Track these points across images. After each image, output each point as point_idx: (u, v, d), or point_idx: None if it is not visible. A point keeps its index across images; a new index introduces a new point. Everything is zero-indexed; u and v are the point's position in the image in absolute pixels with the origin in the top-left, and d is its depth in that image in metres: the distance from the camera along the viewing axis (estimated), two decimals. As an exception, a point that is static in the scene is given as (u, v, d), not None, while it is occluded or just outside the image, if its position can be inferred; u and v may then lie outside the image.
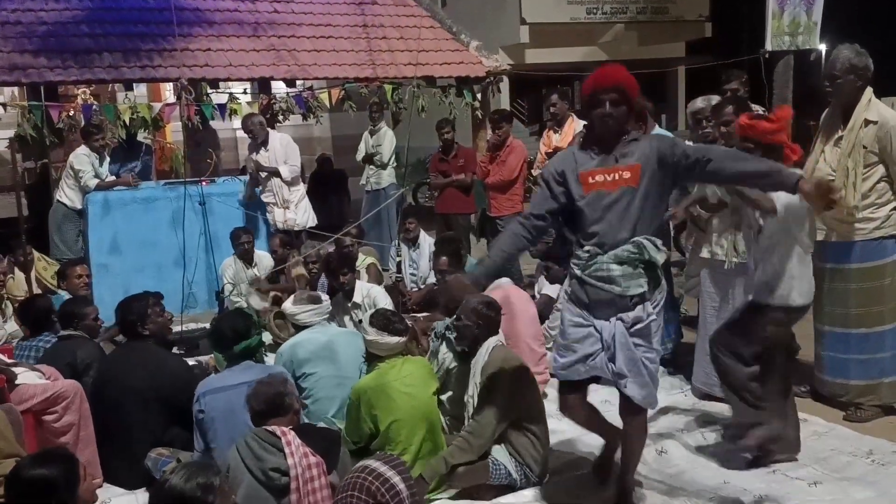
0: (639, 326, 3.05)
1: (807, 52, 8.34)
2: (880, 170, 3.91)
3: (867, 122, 3.91)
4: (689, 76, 17.91)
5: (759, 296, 3.62)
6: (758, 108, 4.70)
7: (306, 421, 3.74)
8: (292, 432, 2.93)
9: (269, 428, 2.95)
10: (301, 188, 7.37)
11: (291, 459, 2.84)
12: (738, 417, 3.75)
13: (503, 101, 15.11)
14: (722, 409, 4.38)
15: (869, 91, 3.97)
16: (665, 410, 4.42)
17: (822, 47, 9.16)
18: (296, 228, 7.12)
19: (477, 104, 8.79)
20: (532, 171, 7.50)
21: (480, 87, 8.87)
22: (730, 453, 3.83)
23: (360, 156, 8.84)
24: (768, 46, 8.23)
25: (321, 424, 3.68)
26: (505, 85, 15.03)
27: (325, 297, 4.35)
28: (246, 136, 7.40)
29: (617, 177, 3.02)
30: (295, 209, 7.17)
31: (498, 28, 16.15)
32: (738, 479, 3.60)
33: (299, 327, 4.13)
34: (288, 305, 4.23)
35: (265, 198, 7.23)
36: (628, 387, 3.08)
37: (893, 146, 3.86)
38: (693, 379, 4.64)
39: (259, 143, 7.12)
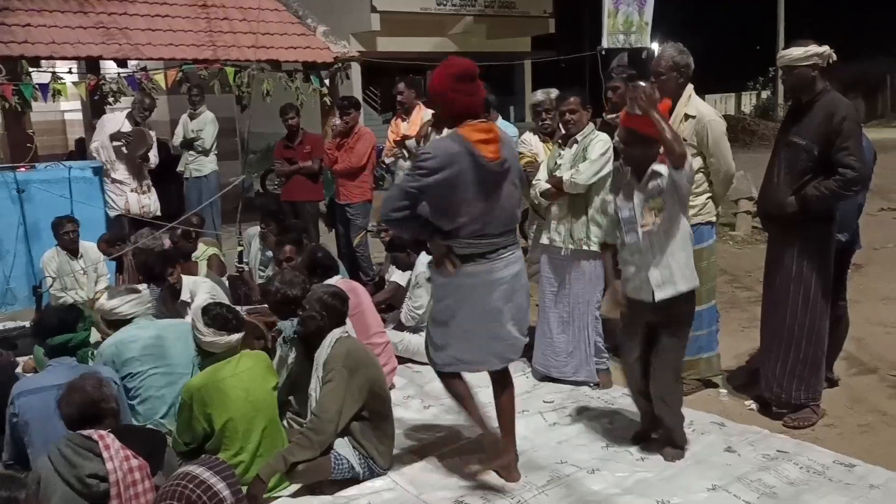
0: None
1: (639, 49, 8.84)
2: (698, 161, 4.16)
3: (686, 117, 4.15)
4: (534, 70, 18.52)
5: (671, 288, 3.51)
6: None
7: (133, 422, 3.53)
8: (111, 435, 2.73)
9: (85, 432, 2.73)
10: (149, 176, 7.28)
11: (111, 464, 2.65)
12: (681, 442, 3.74)
13: (354, 87, 14.95)
14: (561, 389, 4.56)
15: (689, 88, 4.21)
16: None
17: (654, 45, 9.73)
18: (149, 216, 6.91)
19: (325, 90, 8.63)
20: (382, 158, 7.46)
21: (328, 74, 8.72)
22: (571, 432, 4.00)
23: (177, 140, 8.37)
24: (605, 44, 8.66)
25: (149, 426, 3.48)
26: (356, 72, 14.90)
27: (143, 287, 4.06)
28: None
29: None
30: (149, 195, 7.13)
31: (348, 15, 15.97)
32: (573, 456, 3.74)
33: (120, 324, 3.82)
34: (104, 301, 3.89)
35: (118, 176, 6.96)
36: None
37: (709, 140, 4.13)
38: (533, 361, 4.79)
39: (139, 120, 7.04)
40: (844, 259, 4.27)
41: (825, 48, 3.76)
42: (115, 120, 7.12)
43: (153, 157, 7.11)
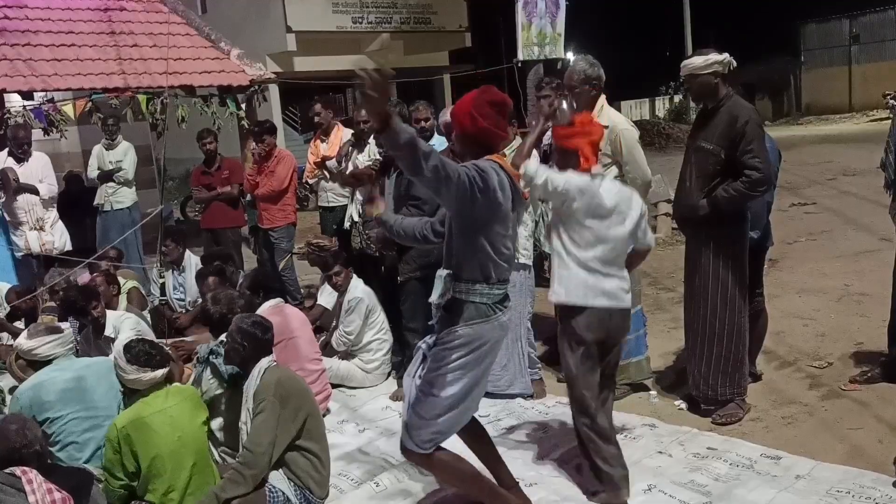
0: None
1: (554, 61, 9.01)
2: (614, 170, 4.24)
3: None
4: (454, 84, 18.66)
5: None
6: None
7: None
8: (34, 471, 2.72)
9: (6, 470, 2.71)
10: (55, 209, 6.93)
11: (33, 497, 2.63)
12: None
13: (273, 109, 14.77)
14: (495, 402, 4.54)
15: (602, 98, 4.32)
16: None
17: (569, 55, 9.93)
18: (54, 253, 6.58)
19: (242, 114, 8.49)
20: (304, 179, 7.38)
21: (245, 97, 8.58)
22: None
23: (93, 172, 8.00)
24: (520, 56, 8.79)
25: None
26: (274, 93, 14.74)
27: (66, 325, 3.89)
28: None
29: None
30: (51, 231, 6.76)
31: (263, 36, 15.78)
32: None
33: (39, 364, 3.65)
34: (22, 340, 3.71)
35: (10, 216, 6.61)
36: None
37: (623, 148, 4.23)
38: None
39: (19, 154, 6.72)
40: (758, 255, 4.43)
41: (725, 56, 3.90)
42: None
43: (44, 189, 6.68)
